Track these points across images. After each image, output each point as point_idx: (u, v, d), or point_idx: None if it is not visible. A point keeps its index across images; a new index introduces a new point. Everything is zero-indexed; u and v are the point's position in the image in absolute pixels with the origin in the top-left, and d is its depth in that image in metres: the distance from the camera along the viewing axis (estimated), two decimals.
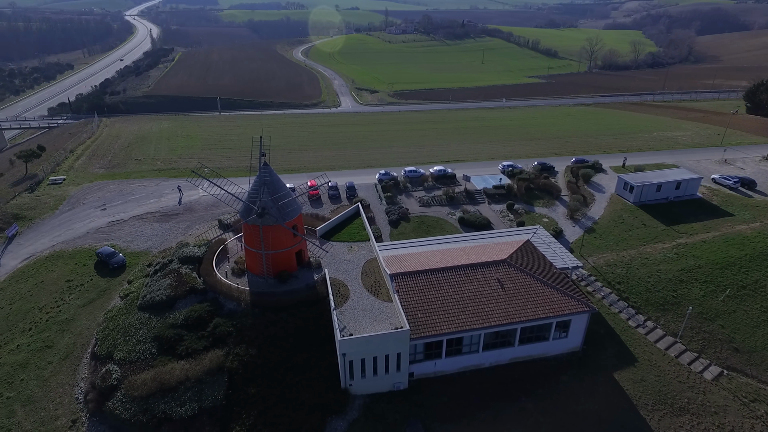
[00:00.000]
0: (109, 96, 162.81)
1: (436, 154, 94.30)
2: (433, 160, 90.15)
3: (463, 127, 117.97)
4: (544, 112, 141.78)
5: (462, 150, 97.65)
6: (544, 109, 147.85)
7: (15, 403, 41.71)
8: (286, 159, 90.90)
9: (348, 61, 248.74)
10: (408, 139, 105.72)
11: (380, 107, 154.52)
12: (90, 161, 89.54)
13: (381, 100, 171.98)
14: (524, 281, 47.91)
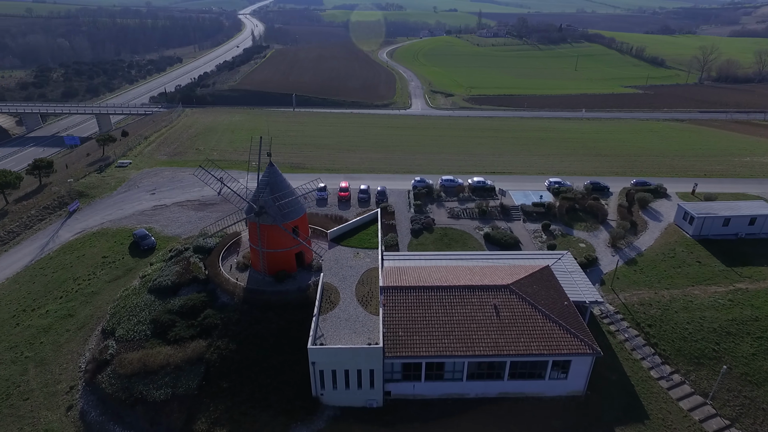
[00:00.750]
0: (199, 88, 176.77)
1: (485, 164, 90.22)
2: (478, 170, 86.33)
3: (525, 137, 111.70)
4: (625, 127, 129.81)
5: (514, 162, 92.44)
6: (627, 123, 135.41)
7: (30, 363, 46.49)
8: (330, 158, 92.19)
9: (430, 63, 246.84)
10: (461, 146, 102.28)
11: (449, 111, 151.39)
12: (158, 148, 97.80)
13: (454, 104, 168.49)
14: (524, 311, 44.06)
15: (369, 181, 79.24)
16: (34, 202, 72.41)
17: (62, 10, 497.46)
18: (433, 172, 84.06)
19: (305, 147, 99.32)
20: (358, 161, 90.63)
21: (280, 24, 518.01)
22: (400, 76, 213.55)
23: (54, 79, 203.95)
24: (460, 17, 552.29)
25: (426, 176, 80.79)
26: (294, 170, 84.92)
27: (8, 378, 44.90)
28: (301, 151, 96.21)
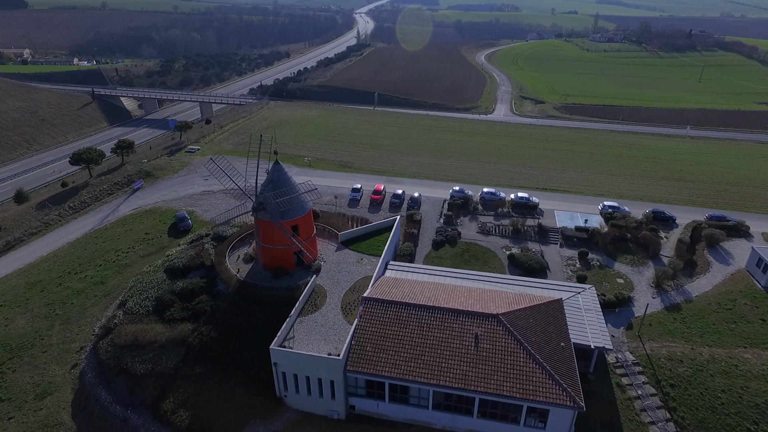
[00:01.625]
0: (292, 83, 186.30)
1: (541, 179, 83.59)
2: (531, 185, 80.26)
3: (601, 153, 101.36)
4: (735, 149, 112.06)
5: (576, 179, 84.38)
6: (739, 146, 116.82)
7: (57, 320, 52.52)
8: (381, 160, 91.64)
9: (529, 68, 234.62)
10: (524, 158, 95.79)
11: (532, 119, 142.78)
12: (228, 137, 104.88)
13: (541, 111, 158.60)
14: (506, 346, 40.05)
15: (411, 186, 77.46)
16: (109, 178, 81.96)
17: (202, 8, 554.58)
18: (480, 183, 79.87)
19: (361, 146, 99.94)
20: (408, 165, 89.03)
21: (390, 23, 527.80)
22: (492, 80, 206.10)
23: (175, 69, 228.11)
24: (578, 20, 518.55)
25: (470, 186, 77.01)
26: (340, 169, 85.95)
27: (37, 330, 51.15)
28: (355, 150, 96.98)
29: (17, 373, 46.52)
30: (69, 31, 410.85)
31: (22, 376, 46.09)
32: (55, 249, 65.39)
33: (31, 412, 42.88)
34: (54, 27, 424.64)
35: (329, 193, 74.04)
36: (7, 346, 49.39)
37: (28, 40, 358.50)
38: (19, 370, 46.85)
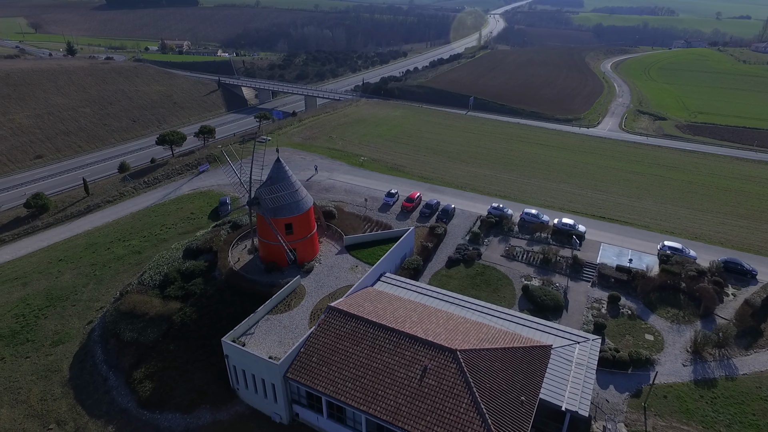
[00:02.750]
0: (393, 82, 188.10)
1: (606, 205, 73.50)
2: (588, 211, 71.11)
3: (700, 183, 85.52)
4: None
5: (650, 210, 72.51)
6: None
7: (93, 280, 59.69)
8: (436, 167, 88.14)
9: (661, 79, 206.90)
10: (598, 180, 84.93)
11: (641, 137, 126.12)
12: (302, 131, 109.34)
13: (657, 129, 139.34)
14: (453, 386, 36.07)
15: (452, 197, 73.58)
16: (184, 159, 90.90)
17: (341, 6, 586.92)
18: (530, 202, 72.96)
19: (424, 150, 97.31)
20: (462, 175, 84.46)
21: (523, 25, 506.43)
22: (611, 90, 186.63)
23: (295, 63, 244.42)
24: (749, 26, 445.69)
25: (515, 205, 70.78)
26: (389, 171, 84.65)
27: (75, 286, 58.71)
28: (415, 154, 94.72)
29: (47, 319, 53.88)
30: (225, 26, 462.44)
31: (48, 323, 53.27)
32: (119, 217, 74.44)
33: (43, 356, 49.38)
34: (214, 22, 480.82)
35: (368, 195, 73.45)
36: (50, 294, 57.46)
37: (192, 33, 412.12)
38: (50, 317, 54.21)
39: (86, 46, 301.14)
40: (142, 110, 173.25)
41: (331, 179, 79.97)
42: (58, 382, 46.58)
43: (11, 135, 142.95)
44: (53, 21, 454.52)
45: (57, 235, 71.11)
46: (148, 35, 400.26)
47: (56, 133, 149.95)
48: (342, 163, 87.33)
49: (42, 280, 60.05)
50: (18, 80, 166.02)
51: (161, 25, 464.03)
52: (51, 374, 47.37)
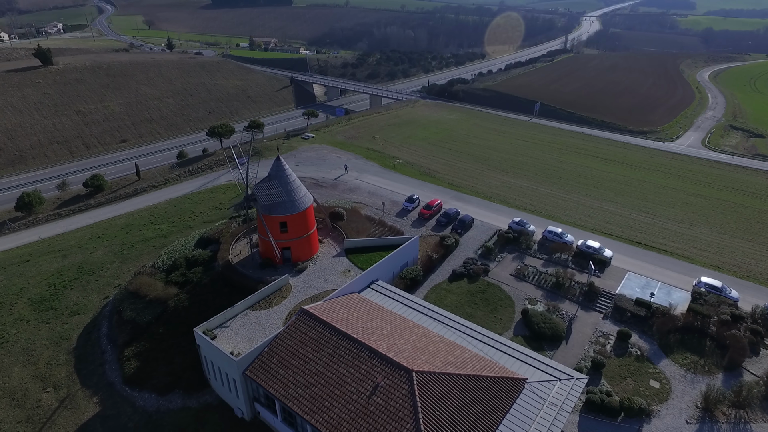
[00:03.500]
0: (459, 84, 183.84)
1: (649, 230, 66.00)
2: (626, 235, 64.36)
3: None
4: None
5: (702, 239, 63.89)
6: None
7: (119, 259, 64.27)
8: (471, 175, 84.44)
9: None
10: (649, 200, 76.38)
11: (724, 156, 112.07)
12: (348, 129, 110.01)
13: (749, 149, 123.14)
14: (399, 408, 34.22)
15: (477, 207, 70.20)
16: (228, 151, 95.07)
17: (429, 6, 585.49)
18: (561, 220, 67.62)
19: (464, 156, 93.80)
20: (495, 185, 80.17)
21: (619, 29, 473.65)
22: (703, 102, 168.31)
23: (368, 62, 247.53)
24: None
25: (541, 221, 65.98)
26: (420, 176, 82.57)
27: (103, 263, 63.62)
28: (454, 160, 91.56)
29: (72, 291, 58.89)
30: (313, 24, 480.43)
31: (72, 294, 58.20)
32: (158, 202, 79.69)
33: (60, 323, 54.02)
34: (304, 21, 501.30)
35: (391, 199, 72.27)
36: (81, 268, 62.79)
37: (282, 31, 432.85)
38: (75, 288, 59.21)
39: (185, 42, 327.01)
40: (218, 102, 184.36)
41: (359, 180, 79.63)
42: (65, 349, 50.67)
43: (104, 120, 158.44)
44: (165, 18, 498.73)
45: (103, 214, 77.72)
46: (243, 32, 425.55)
47: (141, 121, 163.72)
48: (375, 165, 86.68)
49: (78, 254, 65.81)
50: (116, 71, 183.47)
51: (256, 23, 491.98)
52: (61, 341, 51.63)
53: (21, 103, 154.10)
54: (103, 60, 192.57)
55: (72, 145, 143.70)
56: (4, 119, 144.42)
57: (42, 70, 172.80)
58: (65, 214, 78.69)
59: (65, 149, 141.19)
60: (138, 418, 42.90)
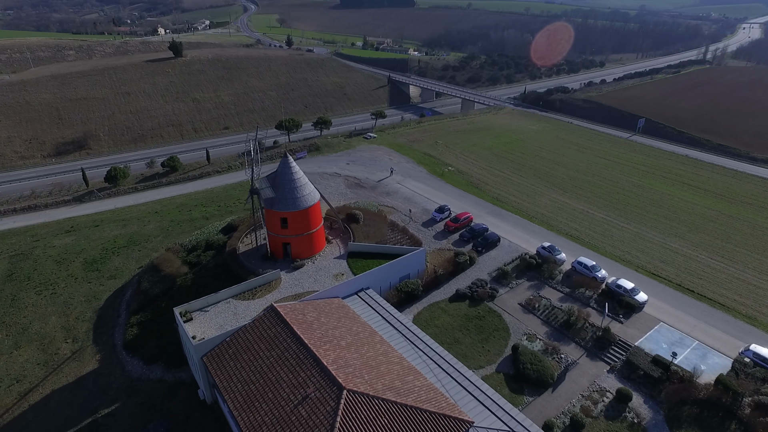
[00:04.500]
0: (558, 93, 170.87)
1: (712, 278, 55.07)
2: (681, 281, 54.68)
3: None
4: None
5: None
6: None
7: (162, 234, 70.23)
8: (521, 190, 77.83)
9: None
10: (727, 241, 63.28)
11: None
12: (413, 132, 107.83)
13: None
14: (320, 424, 33.02)
15: (512, 227, 64.77)
16: (290, 144, 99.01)
17: (556, 10, 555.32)
18: (605, 252, 59.72)
19: (524, 171, 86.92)
20: (545, 204, 72.93)
21: None
22: None
23: (471, 66, 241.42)
24: None
25: (583, 250, 58.89)
26: (465, 187, 78.29)
27: (149, 236, 70.08)
28: (510, 173, 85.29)
29: (118, 257, 65.80)
30: (430, 26, 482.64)
31: (116, 260, 65.03)
32: (215, 186, 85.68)
33: (98, 284, 60.69)
34: (423, 22, 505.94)
35: (424, 208, 69.84)
36: (132, 238, 69.92)
37: (399, 32, 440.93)
38: (120, 255, 66.08)
39: (305, 39, 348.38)
40: (315, 98, 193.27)
41: (400, 184, 78.01)
42: (93, 307, 56.79)
43: (213, 108, 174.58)
44: (296, 17, 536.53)
45: (168, 192, 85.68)
46: (363, 32, 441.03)
47: (244, 110, 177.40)
48: (423, 170, 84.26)
49: (134, 226, 73.38)
50: (232, 64, 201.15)
51: (377, 23, 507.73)
52: (93, 300, 57.97)
53: (151, 89, 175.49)
54: (223, 54, 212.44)
55: (183, 128, 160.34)
56: (135, 102, 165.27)
57: (172, 61, 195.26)
58: (140, 189, 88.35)
59: (177, 132, 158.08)
60: (122, 381, 46.61)
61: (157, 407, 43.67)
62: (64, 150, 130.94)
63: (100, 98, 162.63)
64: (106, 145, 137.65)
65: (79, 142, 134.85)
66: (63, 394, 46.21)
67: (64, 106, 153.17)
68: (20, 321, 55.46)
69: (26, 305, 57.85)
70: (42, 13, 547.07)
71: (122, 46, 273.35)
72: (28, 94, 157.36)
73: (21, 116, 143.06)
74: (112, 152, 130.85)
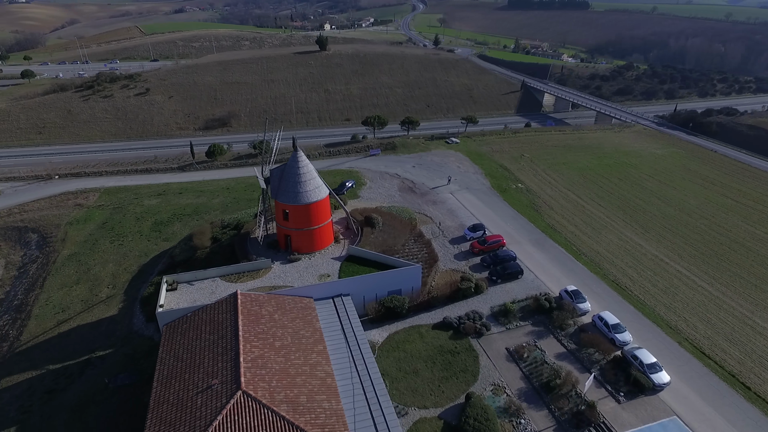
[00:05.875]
0: (717, 115, 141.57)
1: None
2: (734, 369, 41.68)
3: None
4: None
5: None
6: None
7: (222, 208, 76.58)
8: (580, 219, 66.32)
9: None
10: None
11: None
12: (501, 142, 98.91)
13: None
14: (203, 417, 33.07)
15: (549, 262, 56.26)
16: (374, 140, 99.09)
17: None
18: (650, 314, 48.42)
19: (605, 199, 73.79)
20: (608, 244, 60.75)
21: None
22: None
23: (624, 77, 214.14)
24: None
25: (622, 306, 48.73)
26: (521, 208, 69.67)
27: (209, 209, 77.03)
28: (584, 200, 73.19)
29: (179, 223, 73.73)
30: (601, 31, 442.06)
31: (177, 226, 72.91)
32: None
33: (153, 244, 68.86)
34: (592, 27, 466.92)
35: (462, 223, 64.78)
36: (197, 208, 77.70)
37: (563, 36, 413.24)
38: (182, 222, 73.95)
39: (456, 39, 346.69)
40: (439, 98, 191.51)
41: (452, 194, 73.22)
42: (139, 262, 64.70)
43: (341, 100, 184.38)
44: (459, 17, 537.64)
45: (247, 172, 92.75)
46: (524, 35, 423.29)
47: (368, 105, 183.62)
48: (486, 183, 77.70)
49: (205, 198, 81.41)
50: (368, 60, 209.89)
51: (542, 26, 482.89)
52: (143, 257, 66.01)
53: (292, 77, 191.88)
54: (363, 49, 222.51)
55: (310, 116, 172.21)
56: (275, 89, 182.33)
57: (316, 54, 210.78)
58: (229, 166, 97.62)
59: (304, 119, 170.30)
60: (124, 331, 52.35)
61: (136, 361, 48.01)
62: (211, 125, 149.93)
63: (249, 83, 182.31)
64: (244, 124, 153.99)
65: (224, 120, 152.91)
66: (82, 330, 53.65)
67: (221, 87, 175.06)
68: (89, 262, 65.77)
69: (100, 250, 68.38)
70: (248, 9, 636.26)
71: (287, 39, 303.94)
72: (198, 76, 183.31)
73: (188, 94, 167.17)
74: (246, 131, 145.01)
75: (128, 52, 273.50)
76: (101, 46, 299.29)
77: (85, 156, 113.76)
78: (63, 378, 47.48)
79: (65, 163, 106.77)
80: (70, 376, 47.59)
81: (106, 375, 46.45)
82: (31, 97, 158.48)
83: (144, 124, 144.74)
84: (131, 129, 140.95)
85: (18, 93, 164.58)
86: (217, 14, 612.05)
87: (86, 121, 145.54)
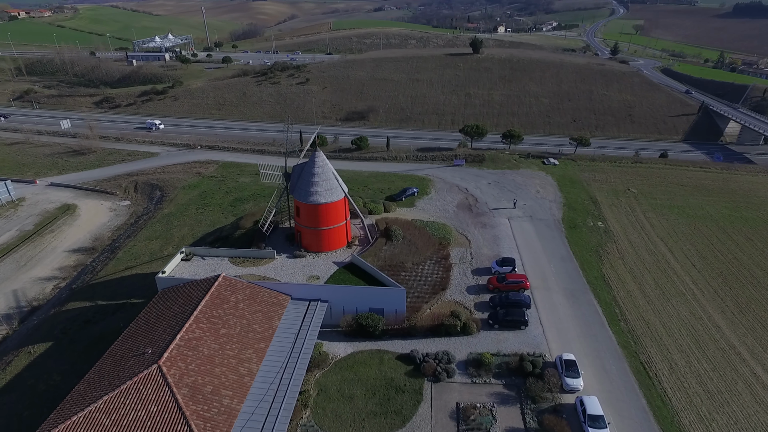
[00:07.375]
0: None
1: None
2: None
3: None
4: None
5: None
6: None
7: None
8: (644, 279, 53.13)
9: None
10: None
11: None
12: (614, 172, 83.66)
13: None
14: (121, 380, 36.33)
15: (570, 317, 47.46)
16: (468, 151, 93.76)
17: None
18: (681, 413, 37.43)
19: (711, 263, 57.02)
20: (671, 317, 47.76)
21: None
22: None
23: None
24: None
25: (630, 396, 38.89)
26: (580, 251, 59.19)
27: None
28: (682, 260, 57.36)
29: (252, 202, 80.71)
30: None
31: (249, 204, 79.99)
32: (359, 170, 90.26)
33: (223, 217, 76.63)
34: None
35: (500, 255, 58.43)
36: (271, 192, 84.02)
37: None
38: (254, 201, 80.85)
39: (642, 48, 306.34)
40: (589, 113, 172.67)
41: (506, 220, 65.99)
42: (203, 231, 72.32)
43: (480, 105, 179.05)
44: (663, 25, 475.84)
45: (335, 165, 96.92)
46: (745, 47, 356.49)
47: (504, 113, 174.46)
48: (556, 214, 67.72)
49: None
50: (519, 66, 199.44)
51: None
52: (209, 227, 73.97)
53: (437, 78, 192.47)
54: (517, 54, 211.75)
55: (443, 118, 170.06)
56: (418, 88, 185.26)
57: (467, 57, 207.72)
58: (332, 157, 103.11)
59: (436, 120, 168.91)
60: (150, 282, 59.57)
61: None
62: (351, 117, 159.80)
63: (395, 81, 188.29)
64: (380, 120, 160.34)
65: (363, 114, 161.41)
66: (135, 279, 62.82)
67: (369, 83, 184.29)
68: (174, 223, 76.47)
69: (186, 214, 79.06)
70: (439, 9, 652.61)
71: (452, 39, 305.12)
72: (352, 70, 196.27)
73: (339, 86, 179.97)
74: (381, 127, 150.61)
75: (311, 45, 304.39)
76: (293, 39, 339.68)
77: (243, 132, 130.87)
78: (100, 314, 56.57)
79: (220, 137, 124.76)
80: (105, 314, 56.51)
81: (124, 321, 54.05)
82: (222, 79, 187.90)
83: (297, 110, 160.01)
84: (285, 113, 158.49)
85: (215, 75, 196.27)
86: (410, 13, 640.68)
87: (255, 102, 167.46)
